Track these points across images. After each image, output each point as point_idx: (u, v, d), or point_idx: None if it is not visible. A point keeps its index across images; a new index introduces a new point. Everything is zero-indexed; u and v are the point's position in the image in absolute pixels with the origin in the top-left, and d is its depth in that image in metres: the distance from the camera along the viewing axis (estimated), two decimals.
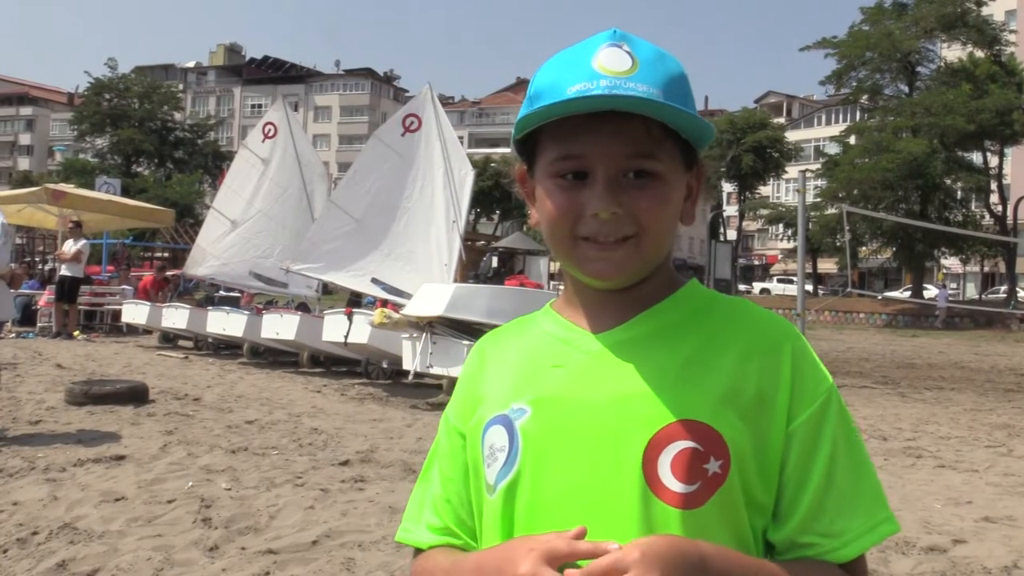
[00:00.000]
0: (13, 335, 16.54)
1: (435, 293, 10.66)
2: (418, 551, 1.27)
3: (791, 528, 1.13)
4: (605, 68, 1.09)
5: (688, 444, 1.08)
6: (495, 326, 1.38)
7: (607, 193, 1.10)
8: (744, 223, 67.58)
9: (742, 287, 62.63)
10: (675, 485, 1.08)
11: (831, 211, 44.02)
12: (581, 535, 1.03)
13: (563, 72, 1.11)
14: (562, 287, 1.30)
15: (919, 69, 46.94)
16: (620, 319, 1.18)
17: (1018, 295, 43.59)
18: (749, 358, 1.14)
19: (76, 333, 17.13)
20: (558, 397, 1.15)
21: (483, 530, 1.20)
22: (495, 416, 1.18)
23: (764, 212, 61.97)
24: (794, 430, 1.13)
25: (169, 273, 21.23)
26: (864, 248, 47.17)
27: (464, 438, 1.24)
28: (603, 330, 1.18)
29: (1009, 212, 45.06)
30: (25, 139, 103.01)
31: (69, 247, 17.10)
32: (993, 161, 46.90)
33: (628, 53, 1.11)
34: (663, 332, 1.17)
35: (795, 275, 16.52)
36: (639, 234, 1.12)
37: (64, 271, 16.94)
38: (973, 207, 47.63)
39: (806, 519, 1.12)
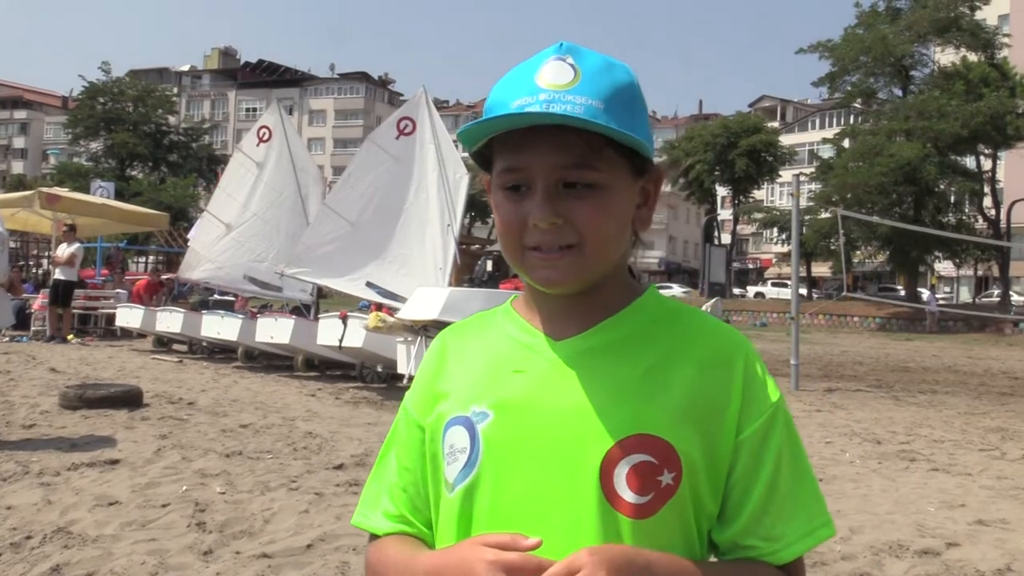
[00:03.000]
0: (7, 339, 16.52)
1: (430, 297, 10.65)
2: (374, 536, 1.32)
3: (735, 531, 1.18)
4: (546, 82, 1.12)
5: (643, 457, 1.13)
6: None
7: (545, 204, 1.13)
8: (738, 227, 67.68)
9: (736, 291, 62.77)
10: (629, 496, 1.12)
11: (825, 215, 44.09)
12: (537, 545, 1.07)
13: (509, 88, 1.15)
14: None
15: (913, 73, 47.10)
16: (580, 327, 1.21)
17: (1011, 298, 43.74)
18: (704, 372, 1.18)
19: (70, 337, 17.10)
20: (520, 403, 1.18)
21: (440, 524, 1.24)
22: (456, 416, 1.21)
23: (758, 216, 62.04)
24: (743, 440, 1.18)
25: (164, 277, 21.18)
26: (858, 252, 47.26)
27: (423, 431, 1.28)
28: (563, 337, 1.21)
29: (1002, 216, 45.19)
30: (19, 143, 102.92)
31: (63, 251, 17.09)
32: (986, 165, 47.04)
33: (571, 66, 1.14)
34: (622, 343, 1.20)
35: (789, 279, 16.58)
36: (581, 243, 1.14)
37: (58, 275, 16.92)
38: (967, 211, 47.75)
39: (749, 523, 1.17)
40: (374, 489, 1.34)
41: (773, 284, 65.17)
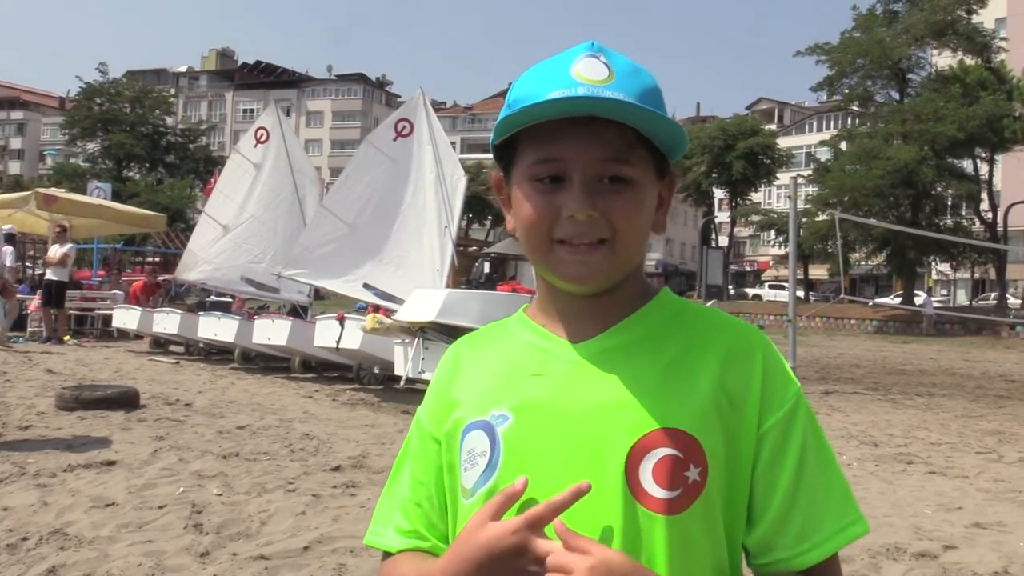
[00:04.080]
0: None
1: (427, 298, 10.64)
2: (387, 554, 1.28)
3: (763, 530, 1.16)
4: (583, 76, 1.12)
5: (669, 451, 1.11)
6: None
7: (584, 196, 1.13)
8: (736, 229, 67.79)
9: (733, 293, 62.78)
10: (657, 491, 1.10)
11: (822, 218, 44.14)
12: (524, 485, 1.07)
13: (542, 80, 1.14)
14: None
15: (910, 76, 47.17)
16: (598, 328, 1.20)
17: (1008, 301, 43.81)
18: (725, 366, 1.17)
19: (67, 338, 17.08)
20: (540, 405, 1.16)
21: (456, 534, 1.20)
22: (475, 421, 1.19)
23: (756, 218, 62.13)
24: (764, 433, 1.16)
25: (161, 278, 21.14)
26: (855, 254, 47.31)
27: (438, 442, 1.25)
28: (581, 339, 1.20)
29: (999, 219, 45.24)
30: (16, 143, 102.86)
31: (55, 251, 17.07)
32: (983, 168, 47.10)
33: (605, 64, 1.14)
34: (641, 341, 1.19)
35: (786, 281, 16.61)
36: (613, 237, 1.14)
37: (50, 275, 16.89)
38: (963, 214, 47.82)
39: (776, 520, 1.15)
40: (387, 506, 1.31)
41: (770, 286, 65.23)
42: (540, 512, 1.04)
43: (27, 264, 29.99)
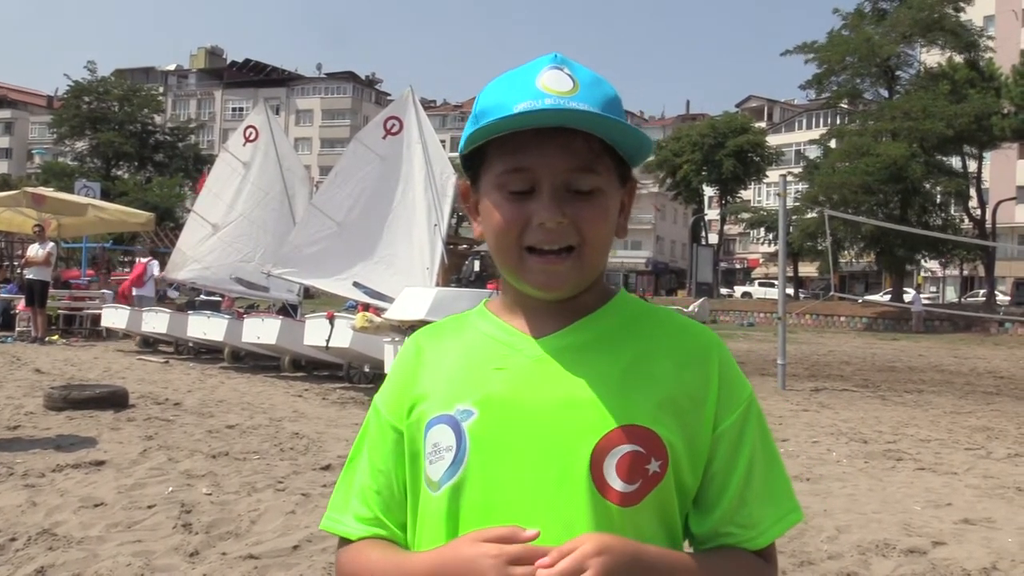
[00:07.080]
0: None
1: (417, 297, 10.63)
2: (344, 540, 1.30)
3: (714, 519, 1.23)
4: (549, 88, 1.16)
5: (632, 448, 1.16)
6: None
7: (553, 204, 1.17)
8: (726, 227, 67.87)
9: (723, 291, 62.96)
10: (618, 484, 1.16)
11: (812, 215, 44.24)
12: (536, 536, 1.09)
13: (508, 92, 1.18)
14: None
15: (899, 73, 47.29)
16: (559, 325, 1.25)
17: (996, 298, 44.00)
18: (682, 367, 1.23)
19: (55, 337, 17.01)
20: (504, 400, 1.20)
21: (422, 524, 1.24)
22: (439, 415, 1.22)
23: (745, 216, 62.24)
24: (721, 432, 1.23)
25: (144, 260, 21.07)
26: (845, 252, 47.44)
27: (397, 432, 1.28)
28: (543, 335, 1.24)
29: (988, 216, 45.41)
30: (3, 142, 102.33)
31: (35, 251, 17.01)
32: (972, 165, 47.26)
33: (569, 76, 1.19)
34: (601, 339, 1.24)
35: (776, 279, 16.62)
36: (581, 245, 1.19)
37: (32, 275, 16.81)
38: (952, 211, 47.98)
39: (728, 512, 1.23)
40: (344, 492, 1.33)
41: (760, 284, 65.36)
42: (526, 553, 1.07)
43: (16, 263, 29.90)
